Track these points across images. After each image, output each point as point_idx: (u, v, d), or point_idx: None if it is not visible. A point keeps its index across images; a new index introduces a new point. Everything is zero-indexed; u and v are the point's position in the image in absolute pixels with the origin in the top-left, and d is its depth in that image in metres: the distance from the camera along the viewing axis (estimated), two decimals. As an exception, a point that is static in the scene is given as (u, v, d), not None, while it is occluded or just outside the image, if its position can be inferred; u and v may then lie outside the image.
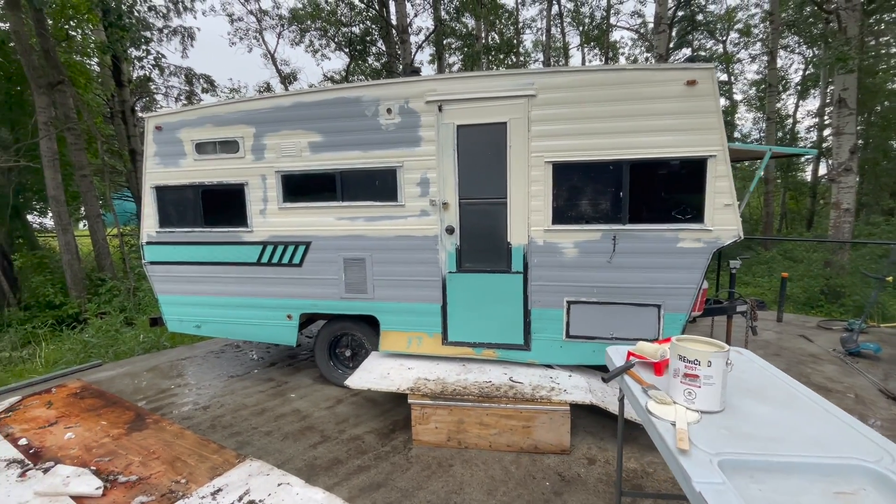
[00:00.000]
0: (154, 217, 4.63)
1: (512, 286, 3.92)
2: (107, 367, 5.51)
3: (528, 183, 3.74)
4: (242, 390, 4.68)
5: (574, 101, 3.58)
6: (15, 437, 3.49)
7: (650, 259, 3.63)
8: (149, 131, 4.51)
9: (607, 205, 3.67)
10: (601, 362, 3.88)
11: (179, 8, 16.07)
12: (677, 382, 1.78)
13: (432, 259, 4.04)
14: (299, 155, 4.19)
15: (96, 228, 9.81)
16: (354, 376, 3.93)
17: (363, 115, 3.99)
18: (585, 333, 3.85)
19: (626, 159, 3.55)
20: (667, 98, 3.42)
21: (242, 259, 4.47)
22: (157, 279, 4.76)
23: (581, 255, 3.75)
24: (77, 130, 9.28)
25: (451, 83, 3.80)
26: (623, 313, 3.75)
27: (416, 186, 3.99)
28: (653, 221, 3.60)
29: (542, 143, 3.68)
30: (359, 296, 4.29)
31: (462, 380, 3.83)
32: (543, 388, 3.64)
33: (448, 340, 4.15)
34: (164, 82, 17.40)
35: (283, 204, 4.31)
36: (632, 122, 3.51)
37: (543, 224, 3.77)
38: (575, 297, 3.82)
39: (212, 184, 4.44)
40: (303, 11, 18.02)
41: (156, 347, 6.19)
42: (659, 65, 3.41)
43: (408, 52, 13.77)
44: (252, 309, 4.57)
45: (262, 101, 4.19)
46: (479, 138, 3.81)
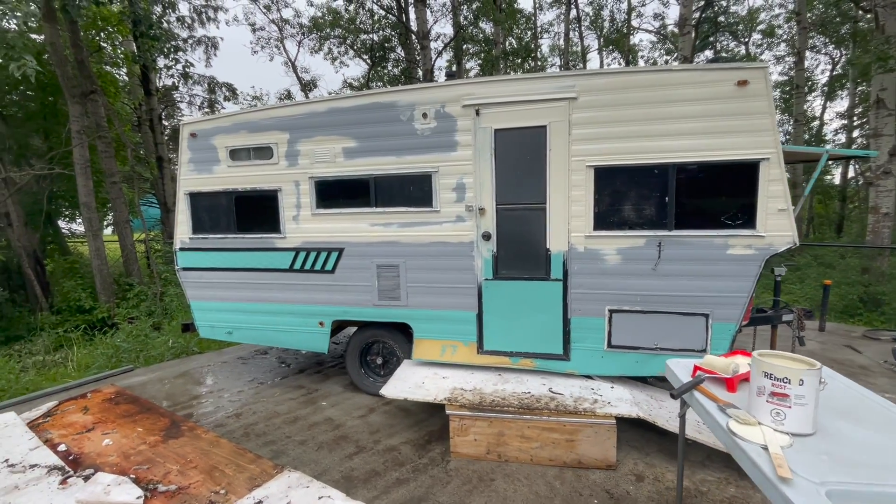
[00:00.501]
0: (188, 223, 4.65)
1: (551, 294, 3.80)
2: (138, 373, 5.54)
3: (568, 188, 3.64)
4: (273, 398, 4.65)
5: (617, 104, 3.47)
6: (54, 442, 3.50)
7: (698, 266, 3.48)
8: (184, 138, 4.54)
9: (652, 210, 3.54)
10: (644, 373, 3.74)
11: (203, 18, 16.41)
12: (762, 402, 1.65)
13: (468, 266, 3.96)
14: (333, 161, 4.16)
15: (125, 234, 9.99)
16: (389, 385, 3.86)
17: (398, 119, 3.94)
18: (628, 343, 3.71)
19: (672, 163, 3.42)
20: (716, 99, 3.29)
21: (275, 265, 4.45)
22: (189, 285, 4.77)
23: (624, 262, 3.62)
24: (108, 138, 9.49)
25: (488, 87, 3.72)
26: (668, 322, 3.61)
27: (451, 192, 3.91)
28: (701, 227, 3.45)
29: (584, 146, 3.57)
30: (392, 303, 4.22)
31: (500, 390, 3.73)
32: (586, 399, 3.51)
33: (484, 349, 4.05)
34: (189, 91, 17.79)
35: (317, 210, 4.28)
36: (679, 125, 3.38)
37: (584, 230, 3.66)
38: (617, 305, 3.69)
39: (245, 190, 4.44)
40: (322, 20, 18.26)
41: (185, 353, 6.22)
42: (708, 65, 3.29)
43: (428, 58, 13.80)
44: (284, 316, 4.54)
45: (297, 107, 4.18)
46: (518, 142, 3.73)
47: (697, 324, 3.55)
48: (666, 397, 3.80)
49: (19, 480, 2.90)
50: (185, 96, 18.12)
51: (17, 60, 5.74)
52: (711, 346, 3.54)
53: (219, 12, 16.51)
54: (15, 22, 6.16)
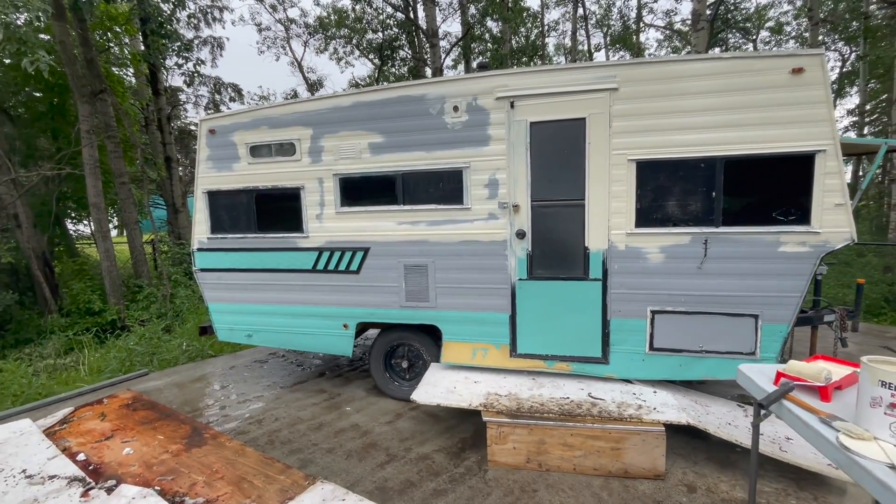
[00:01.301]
0: (206, 223, 4.50)
1: (589, 294, 3.63)
2: (153, 377, 5.40)
3: (608, 183, 3.47)
4: (295, 402, 4.49)
5: (661, 95, 3.31)
6: (73, 451, 3.35)
7: (747, 265, 3.31)
8: (202, 135, 4.40)
9: (698, 206, 3.37)
10: (688, 377, 3.57)
11: (209, 19, 16.31)
12: (878, 414, 1.48)
13: (501, 265, 3.79)
14: (359, 157, 4.00)
15: (134, 235, 9.86)
16: (420, 390, 3.69)
17: (427, 113, 3.78)
18: (671, 346, 3.54)
19: (720, 156, 3.25)
20: (769, 88, 3.12)
21: (297, 266, 4.30)
22: (207, 286, 4.62)
23: (667, 261, 3.45)
24: (117, 138, 9.36)
25: (523, 78, 3.56)
26: (715, 324, 3.43)
27: (483, 188, 3.75)
28: (750, 223, 3.28)
29: (625, 139, 3.41)
30: (420, 304, 4.06)
31: (536, 395, 3.56)
32: (630, 405, 3.34)
33: (517, 353, 3.88)
34: (195, 91, 17.70)
35: (341, 208, 4.12)
36: (727, 116, 3.21)
37: (625, 227, 3.49)
38: (660, 306, 3.52)
39: (266, 188, 4.29)
40: (328, 20, 18.14)
41: (200, 356, 6.07)
42: (761, 52, 3.12)
43: (437, 56, 13.65)
44: (306, 318, 4.38)
45: (321, 101, 4.03)
46: (555, 136, 3.56)
47: (746, 325, 3.38)
48: (711, 402, 3.62)
49: (39, 493, 2.75)
50: (190, 97, 18.05)
51: (30, 55, 5.61)
52: (761, 348, 3.36)
53: (224, 12, 16.43)
54: (27, 16, 6.03)
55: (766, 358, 3.37)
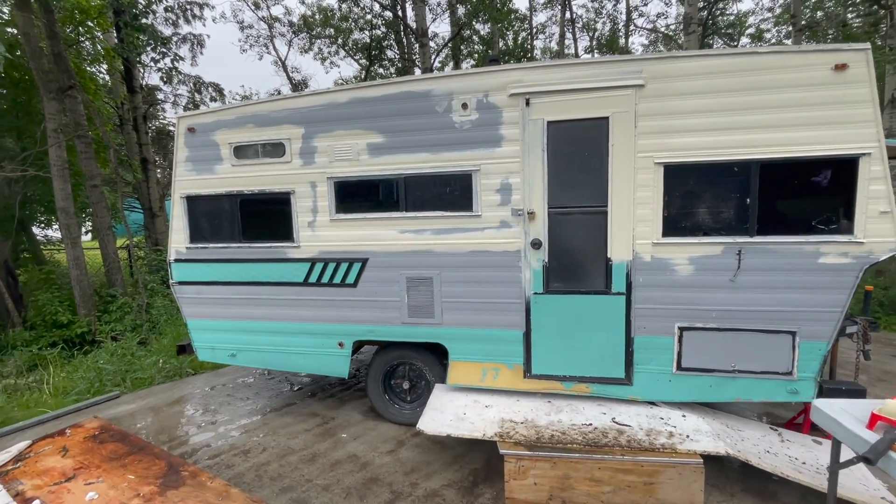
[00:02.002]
0: (184, 231, 4.06)
1: (612, 310, 3.33)
2: (125, 400, 4.90)
3: (633, 188, 3.17)
4: (284, 428, 4.07)
5: (691, 92, 3.03)
6: (26, 497, 2.90)
7: (784, 277, 3.05)
8: (180, 134, 3.97)
9: (730, 213, 3.10)
10: (718, 399, 3.29)
11: (188, 15, 15.66)
12: None
13: (514, 278, 3.46)
14: (356, 158, 3.63)
15: (107, 241, 9.25)
16: (426, 418, 3.33)
17: (433, 111, 3.44)
18: (701, 365, 3.26)
19: (755, 159, 2.99)
20: (809, 86, 2.87)
21: (287, 278, 3.89)
22: (186, 301, 4.18)
23: (697, 273, 3.17)
24: (88, 138, 8.76)
25: (540, 73, 3.25)
26: (748, 341, 3.16)
27: (495, 193, 3.42)
28: (788, 233, 3.02)
29: (652, 141, 3.12)
30: (424, 320, 3.70)
31: (555, 422, 3.23)
32: (660, 433, 3.04)
33: (531, 373, 3.55)
34: (173, 90, 16.98)
35: (336, 215, 3.74)
36: (763, 116, 2.95)
37: (651, 236, 3.20)
38: (689, 322, 3.23)
39: (252, 192, 3.88)
40: (312, 19, 17.66)
41: (178, 374, 5.58)
42: (802, 47, 2.86)
43: (427, 56, 13.32)
44: (297, 335, 3.97)
45: (314, 97, 3.65)
46: (574, 136, 3.26)
47: (782, 343, 3.11)
48: (742, 425, 3.35)
49: (-21, 557, 2.30)
50: (169, 96, 17.31)
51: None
52: (798, 368, 3.10)
53: (205, 9, 15.80)
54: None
55: (803, 378, 3.11)
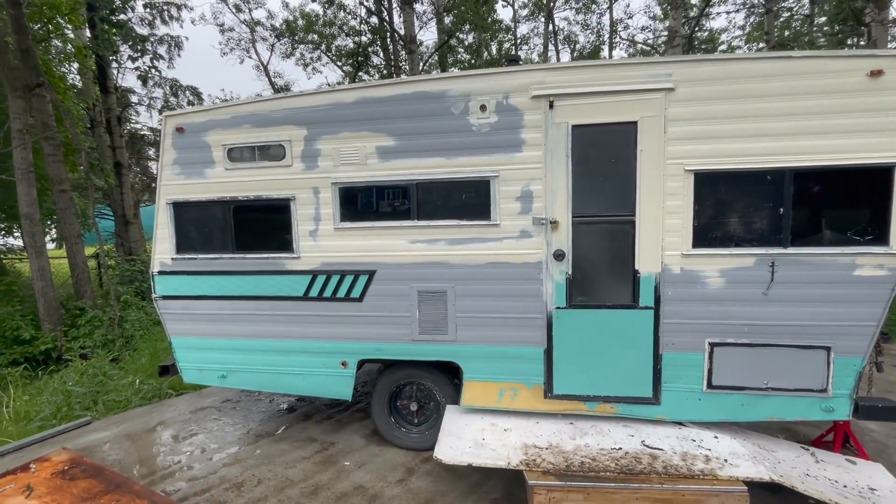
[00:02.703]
0: (170, 240, 3.70)
1: (639, 325, 3.14)
2: (98, 426, 4.44)
3: (662, 196, 3.01)
4: (280, 456, 3.72)
5: (723, 97, 2.90)
6: (-18, 551, 2.49)
7: (818, 290, 2.93)
8: (167, 134, 3.63)
9: (763, 223, 2.97)
10: (750, 419, 3.13)
11: (165, 17, 15.11)
12: None
13: (535, 291, 3.25)
14: (364, 163, 3.37)
15: (75, 251, 8.64)
16: (443, 445, 3.06)
17: (449, 113, 3.22)
18: (732, 383, 3.10)
19: (788, 167, 2.87)
20: (843, 92, 2.78)
21: (285, 292, 3.58)
22: (171, 317, 3.80)
23: (729, 286, 3.02)
24: (56, 140, 8.19)
25: (564, 74, 3.07)
26: (781, 357, 3.02)
27: (515, 201, 3.21)
28: (822, 244, 2.90)
29: (682, 147, 2.97)
30: (436, 337, 3.44)
31: (582, 446, 3.01)
32: (696, 457, 2.85)
33: (553, 393, 3.32)
34: (149, 93, 16.30)
35: (341, 223, 3.46)
36: (798, 122, 2.84)
37: (681, 247, 3.04)
38: (720, 337, 3.08)
39: (248, 199, 3.56)
40: (294, 24, 17.33)
41: (157, 396, 5.13)
42: (836, 52, 2.77)
43: (416, 63, 13.15)
44: (296, 354, 3.65)
45: (318, 96, 3.38)
46: (601, 141, 3.08)
47: (816, 358, 2.98)
48: (774, 445, 3.20)
49: None
50: (143, 98, 16.61)
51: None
52: (833, 385, 2.97)
53: (182, 10, 15.26)
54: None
55: (838, 395, 2.99)
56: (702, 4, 16.82)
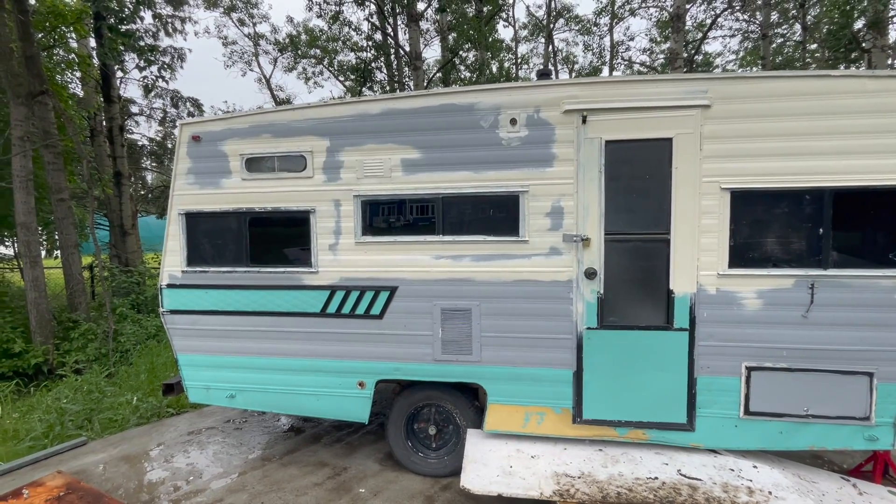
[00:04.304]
0: (181, 252, 3.55)
1: (673, 347, 3.03)
2: (93, 447, 4.20)
3: (698, 215, 2.93)
4: (289, 482, 3.52)
5: (760, 115, 2.85)
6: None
7: (859, 313, 2.84)
8: (182, 143, 3.51)
9: (802, 244, 2.89)
10: (789, 447, 3.00)
11: (170, 29, 15.15)
12: None
13: (564, 311, 3.13)
14: (388, 175, 3.27)
15: (72, 261, 8.40)
16: (469, 473, 2.89)
17: (478, 126, 3.14)
18: (770, 409, 2.97)
19: (828, 187, 2.81)
20: (882, 112, 2.74)
21: (302, 308, 3.43)
22: (179, 333, 3.62)
23: (766, 308, 2.92)
24: (57, 149, 8.03)
25: (598, 88, 3.01)
26: (822, 382, 2.91)
27: (544, 217, 3.11)
28: (863, 266, 2.83)
29: (718, 165, 2.91)
30: (460, 358, 3.29)
31: (617, 476, 2.85)
32: (738, 489, 2.71)
33: (582, 418, 3.18)
34: (149, 104, 16.22)
35: (362, 237, 3.34)
36: (835, 142, 2.79)
37: (717, 267, 2.94)
38: (757, 361, 2.96)
39: (265, 210, 3.44)
40: (297, 38, 17.47)
41: (156, 414, 4.89)
42: (876, 72, 2.75)
43: (420, 79, 13.23)
44: (311, 374, 3.48)
45: (342, 106, 3.29)
46: (634, 157, 3.01)
47: (859, 384, 2.87)
48: (814, 475, 3.06)
49: None
50: (144, 109, 16.53)
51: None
52: (876, 413, 2.86)
53: (186, 24, 15.31)
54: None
55: (881, 424, 2.87)
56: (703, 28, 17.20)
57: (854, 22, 11.03)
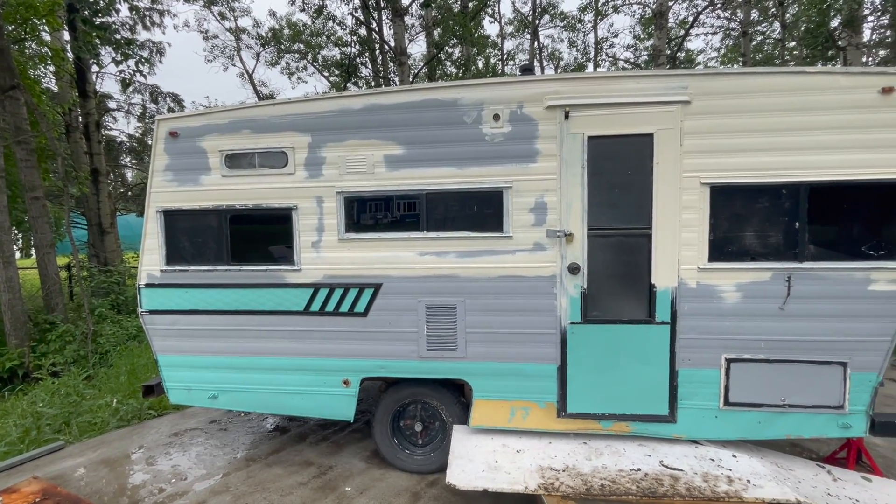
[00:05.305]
0: (160, 251, 3.47)
1: (655, 340, 3.07)
2: (71, 451, 4.10)
3: (679, 210, 2.97)
4: (274, 482, 3.48)
5: (739, 110, 2.89)
6: None
7: (834, 305, 2.91)
8: (159, 139, 3.43)
9: (779, 238, 2.95)
10: (767, 436, 3.08)
11: (147, 22, 14.76)
12: None
13: (548, 306, 3.15)
14: (371, 171, 3.24)
15: (47, 261, 8.16)
16: (454, 469, 2.90)
17: (461, 121, 3.13)
18: (749, 400, 3.04)
19: (804, 182, 2.87)
20: (855, 108, 2.80)
21: (285, 306, 3.39)
22: (158, 333, 3.55)
23: (745, 301, 2.98)
24: (30, 145, 7.78)
25: (580, 84, 3.03)
26: (798, 373, 2.98)
27: (528, 213, 3.12)
28: (837, 258, 2.90)
29: (698, 160, 2.94)
30: (445, 354, 3.29)
31: (600, 468, 2.89)
32: (718, 478, 2.76)
33: (567, 412, 3.20)
34: (127, 99, 15.82)
35: (346, 234, 3.31)
36: (812, 137, 2.85)
37: (697, 261, 2.99)
38: (737, 353, 3.02)
39: (246, 207, 3.38)
40: (280, 33, 17.21)
41: (136, 416, 4.80)
42: (849, 69, 2.82)
43: (405, 75, 13.13)
44: (294, 373, 3.45)
45: (324, 101, 3.25)
46: (617, 153, 3.04)
47: (833, 374, 2.95)
48: (790, 463, 3.14)
49: None
50: (122, 104, 16.12)
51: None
52: (850, 401, 2.95)
53: (165, 17, 14.94)
54: None
55: (855, 412, 2.96)
56: (685, 26, 17.39)
57: (831, 20, 11.28)
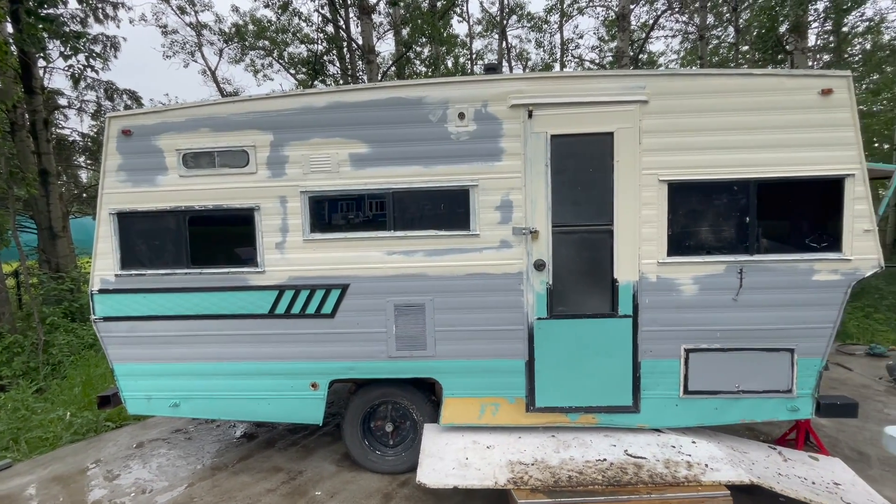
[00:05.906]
0: (113, 255, 3.32)
1: (619, 333, 3.16)
2: (20, 469, 3.86)
3: (639, 206, 3.07)
4: (241, 490, 3.39)
5: (693, 110, 3.01)
6: None
7: (782, 295, 3.07)
8: (111, 137, 3.27)
9: (732, 232, 3.10)
10: (724, 422, 3.22)
11: (100, 15, 14.05)
12: None
13: (516, 302, 3.19)
14: (336, 170, 3.19)
15: (-9, 268, 7.66)
16: (424, 468, 2.90)
17: (426, 120, 3.13)
18: (707, 387, 3.18)
19: (752, 178, 3.02)
20: (798, 108, 2.96)
21: (249, 309, 3.30)
22: (114, 341, 3.39)
23: (702, 293, 3.11)
24: (-31, 144, 7.28)
25: (543, 83, 3.08)
26: (751, 360, 3.14)
27: (494, 211, 3.15)
28: (784, 251, 3.07)
29: (656, 158, 3.05)
30: (415, 353, 3.29)
31: (567, 460, 2.96)
32: (678, 463, 2.88)
33: (535, 406, 3.26)
34: (80, 95, 15.00)
35: (311, 235, 3.25)
36: (758, 136, 3.00)
37: (657, 256, 3.10)
38: (694, 343, 3.15)
39: (205, 208, 3.27)
40: (244, 29, 16.74)
41: (93, 430, 4.56)
42: (791, 71, 2.97)
43: (374, 73, 13.00)
44: (260, 377, 3.36)
45: (286, 99, 3.18)
46: (579, 151, 3.11)
47: (782, 360, 3.12)
48: (745, 446, 3.30)
49: None
50: (74, 101, 15.27)
51: None
52: (797, 385, 3.12)
53: (119, 10, 14.24)
54: None
55: (802, 395, 3.14)
56: (646, 29, 17.93)
57: (780, 26, 11.90)
